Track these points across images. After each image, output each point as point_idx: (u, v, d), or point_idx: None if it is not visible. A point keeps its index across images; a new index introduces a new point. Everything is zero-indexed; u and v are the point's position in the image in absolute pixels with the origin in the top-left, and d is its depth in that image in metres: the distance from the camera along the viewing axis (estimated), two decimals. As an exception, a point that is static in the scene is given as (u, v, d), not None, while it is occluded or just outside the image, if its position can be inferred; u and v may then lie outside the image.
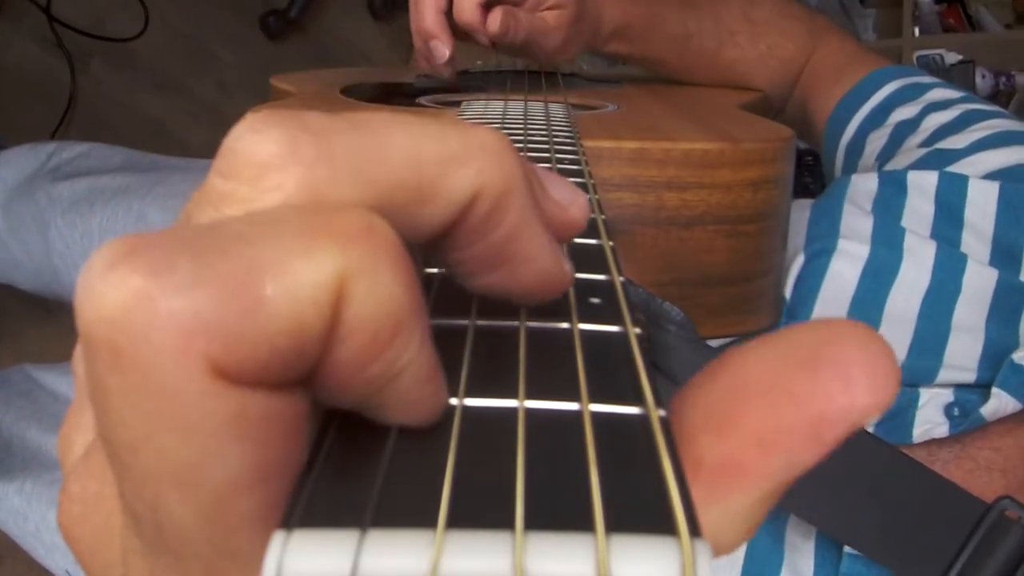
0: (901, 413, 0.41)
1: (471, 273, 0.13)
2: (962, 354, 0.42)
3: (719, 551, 0.11)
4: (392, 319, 0.10)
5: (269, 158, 0.11)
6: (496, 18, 0.52)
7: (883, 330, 0.43)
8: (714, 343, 0.44)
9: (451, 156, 0.12)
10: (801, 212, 0.51)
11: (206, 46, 1.52)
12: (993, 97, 1.45)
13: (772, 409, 0.11)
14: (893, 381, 0.11)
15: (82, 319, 0.10)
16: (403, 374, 0.10)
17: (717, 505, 0.11)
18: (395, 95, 0.60)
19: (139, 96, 1.46)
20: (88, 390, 0.10)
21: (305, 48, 1.61)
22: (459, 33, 0.55)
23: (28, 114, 1.34)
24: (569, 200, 0.14)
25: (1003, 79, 1.45)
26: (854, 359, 0.11)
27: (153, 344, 0.09)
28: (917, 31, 1.54)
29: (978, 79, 1.43)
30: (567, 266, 0.13)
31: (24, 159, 0.83)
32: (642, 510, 0.10)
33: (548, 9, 0.56)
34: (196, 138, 1.45)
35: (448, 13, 0.54)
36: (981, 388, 0.41)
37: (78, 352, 0.13)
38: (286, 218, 0.10)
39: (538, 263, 0.13)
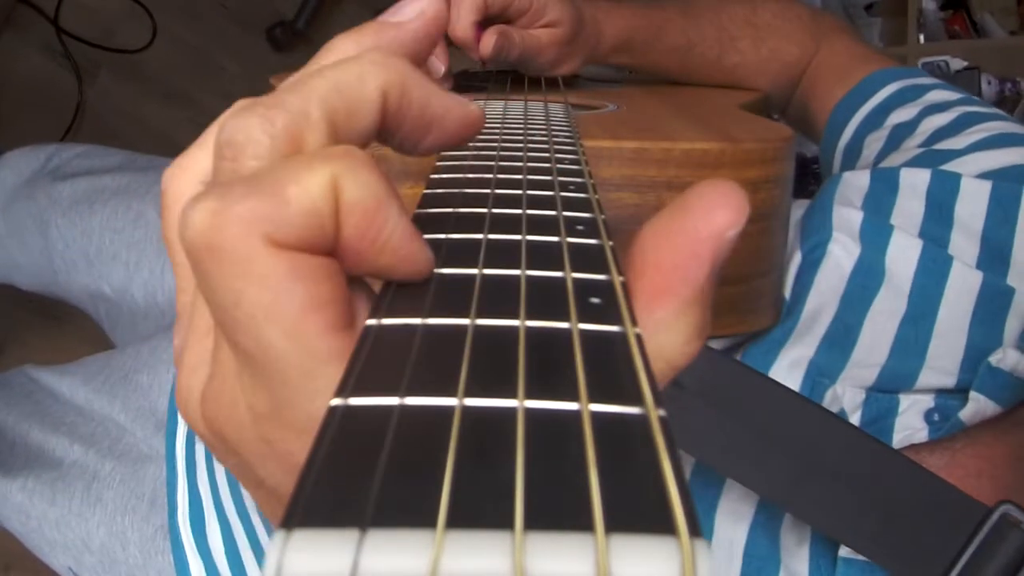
0: (881, 419, 0.40)
1: (416, 143, 0.19)
2: (943, 357, 0.42)
3: (673, 360, 0.16)
4: (374, 199, 0.15)
5: (256, 136, 0.16)
6: (489, 42, 0.52)
7: (865, 332, 0.43)
8: (715, 343, 0.44)
9: (355, 77, 0.17)
10: (801, 213, 0.51)
11: (213, 57, 1.53)
12: (998, 103, 1.45)
13: (668, 245, 0.16)
14: (741, 203, 0.16)
15: (185, 238, 0.15)
16: (392, 235, 0.15)
17: (651, 320, 0.16)
18: None
19: (146, 107, 1.47)
20: (199, 285, 0.16)
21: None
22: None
23: (35, 125, 1.35)
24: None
25: (1008, 85, 1.44)
26: (712, 198, 0.16)
27: (230, 235, 0.14)
28: (922, 38, 1.54)
29: (983, 85, 1.42)
30: (474, 106, 0.19)
31: (23, 161, 0.83)
32: (642, 510, 0.10)
33: (542, 27, 0.56)
34: (202, 148, 1.46)
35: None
36: (961, 393, 0.40)
37: (181, 266, 0.19)
38: (292, 157, 0.16)
39: (453, 112, 0.19)
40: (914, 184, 0.47)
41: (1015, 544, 0.32)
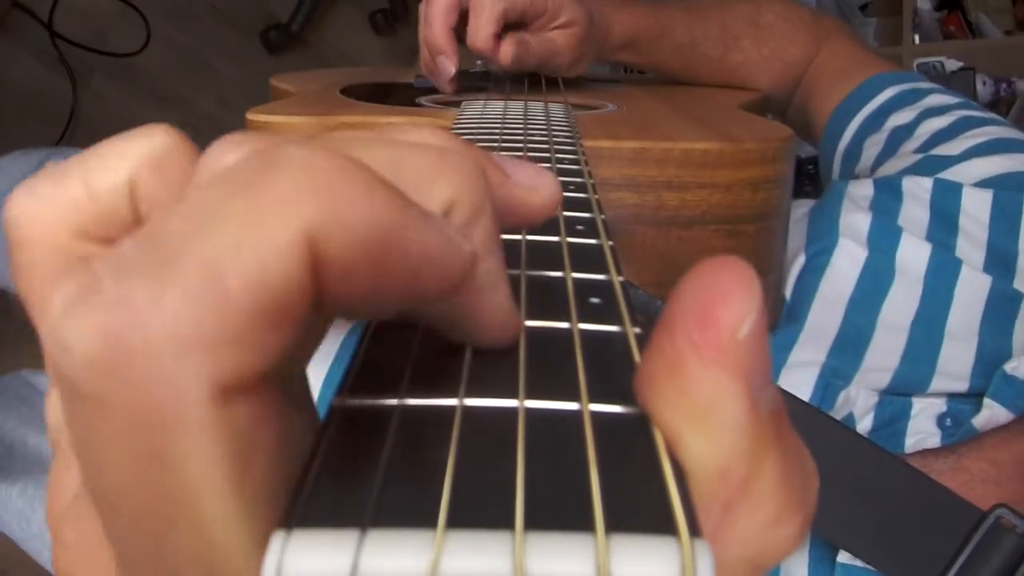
0: (894, 423, 0.41)
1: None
2: (955, 361, 0.42)
3: (780, 554, 0.11)
4: (380, 239, 0.10)
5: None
6: (508, 51, 0.53)
7: (877, 336, 0.43)
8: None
9: (429, 169, 0.12)
10: (801, 213, 0.51)
11: (207, 60, 1.53)
12: (994, 104, 1.45)
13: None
14: (751, 290, 0.10)
15: (60, 369, 0.09)
16: (422, 263, 0.10)
17: (737, 523, 0.11)
18: (395, 95, 0.60)
19: (141, 111, 1.46)
20: (72, 441, 0.10)
21: (306, 62, 1.62)
22: (463, 38, 0.55)
23: (29, 129, 1.35)
24: (533, 182, 0.14)
25: (1004, 85, 1.45)
26: (716, 292, 0.10)
27: (145, 385, 0.09)
28: (917, 38, 1.54)
29: (979, 86, 1.43)
30: (520, 320, 0.13)
31: (17, 165, 0.83)
32: (642, 510, 0.10)
33: (557, 28, 0.56)
34: (198, 151, 1.46)
35: (456, 28, 0.55)
36: (974, 398, 0.40)
37: (53, 406, 0.13)
38: (229, 193, 0.09)
39: (495, 299, 0.12)
40: (917, 193, 0.48)
41: (1009, 547, 0.32)
